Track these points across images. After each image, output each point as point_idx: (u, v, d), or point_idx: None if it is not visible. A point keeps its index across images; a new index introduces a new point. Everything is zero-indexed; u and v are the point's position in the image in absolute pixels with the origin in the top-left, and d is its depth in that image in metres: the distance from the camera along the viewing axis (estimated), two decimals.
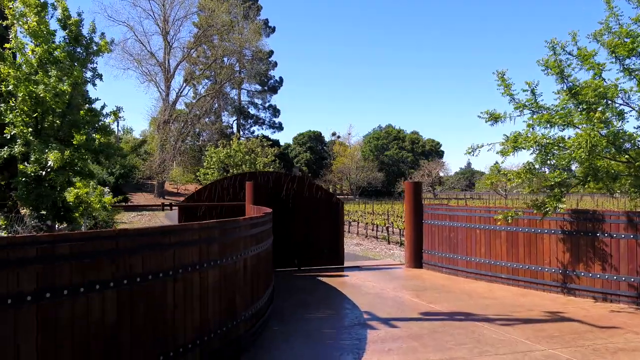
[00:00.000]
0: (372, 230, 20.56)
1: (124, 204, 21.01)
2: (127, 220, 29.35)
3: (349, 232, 21.58)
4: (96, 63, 7.18)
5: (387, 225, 17.63)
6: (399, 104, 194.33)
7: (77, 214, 7.25)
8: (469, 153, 7.12)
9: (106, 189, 36.03)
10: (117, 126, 76.01)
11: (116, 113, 7.81)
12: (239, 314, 5.13)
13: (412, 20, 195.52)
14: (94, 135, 7.41)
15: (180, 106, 52.23)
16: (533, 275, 8.40)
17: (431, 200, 63.56)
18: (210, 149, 32.09)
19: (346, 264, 11.43)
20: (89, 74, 7.22)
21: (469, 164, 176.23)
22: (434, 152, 78.86)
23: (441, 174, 70.56)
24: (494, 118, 7.94)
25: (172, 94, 50.15)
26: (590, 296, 7.61)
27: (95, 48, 7.06)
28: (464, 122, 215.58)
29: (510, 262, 8.76)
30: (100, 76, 7.27)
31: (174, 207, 11.36)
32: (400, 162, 74.72)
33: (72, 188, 7.30)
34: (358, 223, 20.38)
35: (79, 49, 6.92)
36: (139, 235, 3.75)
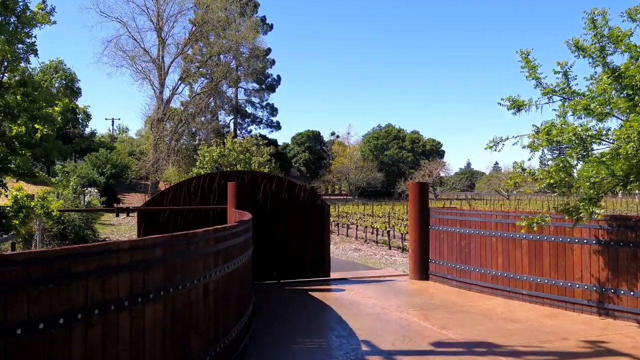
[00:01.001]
0: (372, 233, 19.31)
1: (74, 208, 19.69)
2: (117, 222, 28.08)
3: (347, 235, 20.33)
4: (34, 37, 5.89)
5: (388, 229, 16.38)
6: (399, 104, 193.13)
7: (16, 222, 5.99)
8: (491, 148, 5.89)
9: (94, 190, 34.79)
10: (112, 125, 74.74)
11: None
12: (198, 359, 3.88)
13: (412, 20, 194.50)
14: (38, 125, 6.12)
15: (175, 104, 50.94)
16: (561, 292, 7.15)
17: (432, 201, 62.41)
18: (203, 147, 30.79)
19: (343, 274, 10.18)
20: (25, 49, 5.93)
21: (468, 164, 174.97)
22: (435, 151, 77.53)
23: (442, 174, 69.28)
24: (517, 106, 6.71)
25: (167, 92, 48.86)
26: (634, 319, 6.36)
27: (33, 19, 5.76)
28: (464, 122, 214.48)
29: (533, 277, 7.51)
30: (35, 52, 6.00)
31: (131, 214, 9.92)
32: (400, 162, 73.42)
33: (12, 190, 6.03)
34: (357, 226, 19.12)
35: (12, 19, 5.64)
36: (23, 264, 2.49)
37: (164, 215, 8.08)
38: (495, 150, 5.97)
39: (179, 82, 49.50)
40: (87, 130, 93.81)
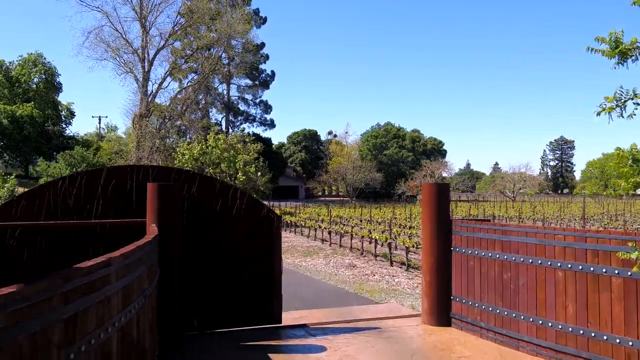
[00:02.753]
0: (370, 243, 16.29)
1: None
2: None
3: (340, 245, 17.34)
4: None
5: (389, 241, 13.40)
6: (397, 104, 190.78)
7: None
8: (610, 111, 2.93)
9: None
10: (99, 123, 71.80)
11: None
12: None
13: (412, 20, 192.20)
14: None
15: (161, 100, 47.80)
16: None
17: None
18: (183, 144, 27.81)
19: (325, 312, 7.22)
20: None
21: (468, 164, 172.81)
22: (436, 151, 74.50)
23: (444, 175, 66.23)
24: (622, 53, 3.69)
25: (152, 87, 45.83)
26: None
27: None
28: (463, 123, 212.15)
29: (632, 339, 4.53)
30: None
31: None
32: (400, 161, 70.38)
33: None
34: (352, 236, 16.15)
35: None
36: None
37: (11, 235, 5.02)
38: (621, 114, 2.99)
39: (166, 75, 46.44)
40: (71, 129, 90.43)
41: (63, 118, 57.68)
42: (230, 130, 64.34)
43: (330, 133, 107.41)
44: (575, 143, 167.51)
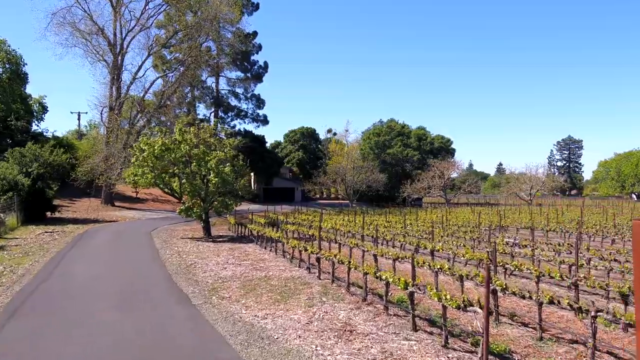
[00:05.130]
0: (377, 276, 10.75)
1: None
2: (17, 244, 19.74)
3: (333, 280, 11.86)
4: None
5: (410, 289, 7.92)
6: (399, 103, 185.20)
7: None
8: None
9: (8, 196, 26.41)
10: (79, 119, 66.37)
11: None
12: None
13: (412, 19, 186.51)
14: None
15: (136, 91, 42.39)
16: None
17: (442, 207, 53.84)
18: (142, 139, 22.43)
19: None
20: None
21: (470, 165, 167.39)
22: (444, 149, 68.88)
23: (454, 175, 60.48)
24: None
25: (126, 77, 40.57)
26: None
27: None
28: (466, 123, 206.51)
29: None
30: None
31: None
32: (405, 161, 64.75)
33: None
34: (349, 270, 10.67)
35: None
36: None
37: None
38: None
39: (142, 63, 41.06)
40: (43, 125, 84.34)
41: (34, 113, 52.33)
42: (220, 127, 58.94)
43: (329, 131, 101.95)
44: (583, 143, 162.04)
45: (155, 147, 21.82)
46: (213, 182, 22.01)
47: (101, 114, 38.37)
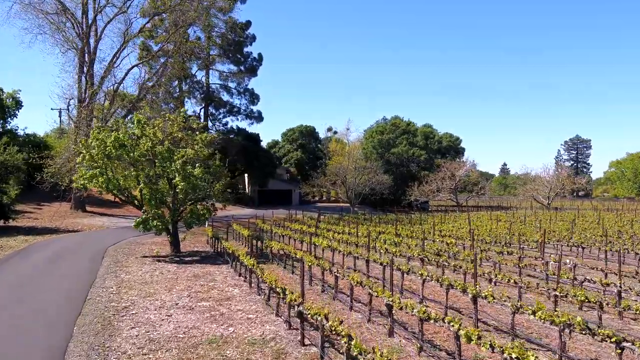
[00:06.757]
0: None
1: None
2: None
3: (324, 354, 7.32)
4: None
5: None
6: (401, 102, 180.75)
7: None
8: None
9: None
10: (60, 117, 61.95)
11: None
12: None
13: (411, 18, 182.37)
14: None
15: (110, 83, 37.84)
16: None
17: (453, 213, 49.10)
18: (93, 132, 18.02)
19: None
20: None
21: (473, 165, 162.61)
22: (453, 148, 64.22)
23: (465, 176, 55.75)
24: None
25: (99, 67, 36.04)
26: None
27: None
28: (469, 123, 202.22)
29: None
30: None
31: None
32: (411, 161, 60.01)
33: None
34: (351, 344, 6.31)
35: None
36: None
37: None
38: None
39: (118, 52, 36.52)
40: (15, 121, 79.47)
41: (7, 109, 47.87)
42: (211, 125, 54.47)
43: (330, 130, 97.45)
44: (591, 142, 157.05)
45: (108, 143, 17.37)
46: (180, 186, 17.56)
47: (68, 107, 34.08)
